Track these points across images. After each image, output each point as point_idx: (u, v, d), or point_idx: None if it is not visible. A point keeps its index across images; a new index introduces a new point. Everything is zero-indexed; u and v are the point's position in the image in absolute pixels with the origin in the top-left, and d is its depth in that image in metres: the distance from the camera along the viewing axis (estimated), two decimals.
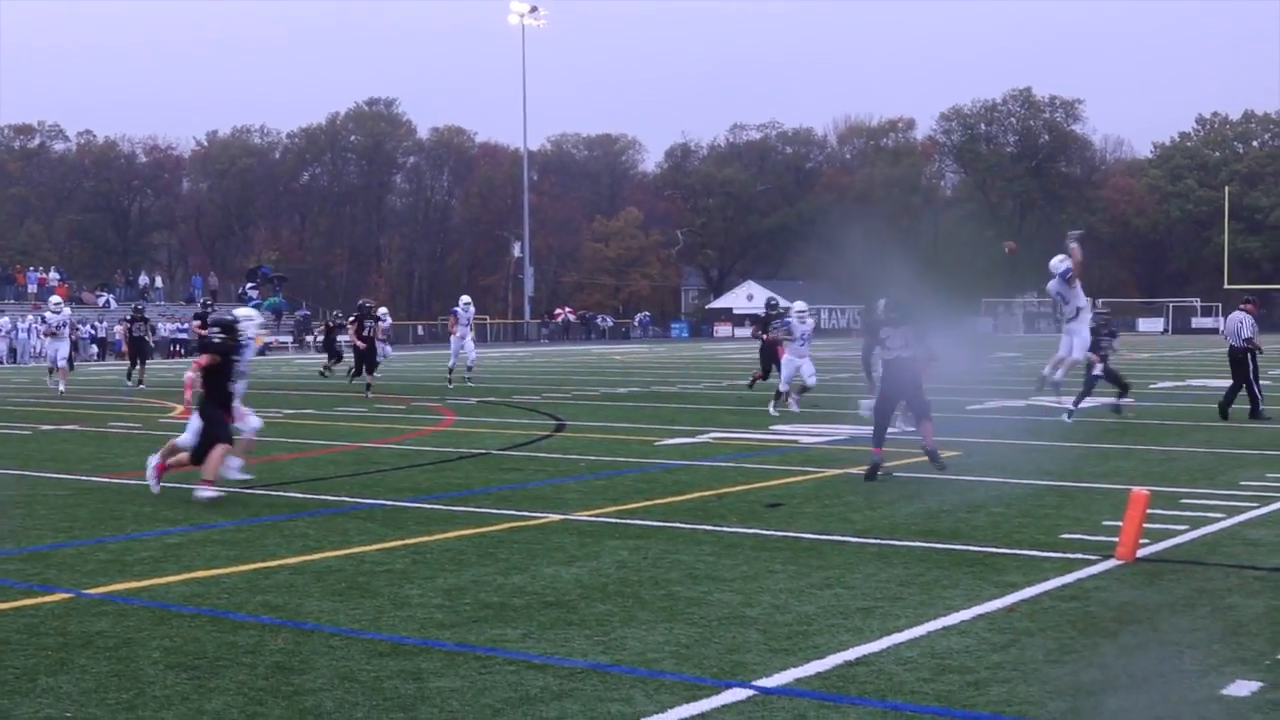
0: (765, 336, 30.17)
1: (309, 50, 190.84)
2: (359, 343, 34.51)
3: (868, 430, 16.71)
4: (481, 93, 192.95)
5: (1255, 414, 23.54)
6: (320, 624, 8.78)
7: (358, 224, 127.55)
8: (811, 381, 26.83)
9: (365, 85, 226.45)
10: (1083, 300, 23.51)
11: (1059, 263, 23.33)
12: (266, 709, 6.94)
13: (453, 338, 37.07)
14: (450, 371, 36.61)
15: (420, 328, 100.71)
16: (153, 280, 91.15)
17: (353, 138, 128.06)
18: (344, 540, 11.98)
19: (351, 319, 35.92)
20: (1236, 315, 24.83)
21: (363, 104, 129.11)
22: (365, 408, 28.74)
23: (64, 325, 35.40)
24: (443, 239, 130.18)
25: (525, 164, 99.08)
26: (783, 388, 26.27)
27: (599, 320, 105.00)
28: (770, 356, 29.54)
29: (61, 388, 33.92)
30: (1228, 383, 25.12)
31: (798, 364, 26.36)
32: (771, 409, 25.61)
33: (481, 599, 9.53)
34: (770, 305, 31.24)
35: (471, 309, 38.13)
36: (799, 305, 27.06)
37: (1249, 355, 24.10)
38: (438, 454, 19.22)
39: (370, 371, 33.93)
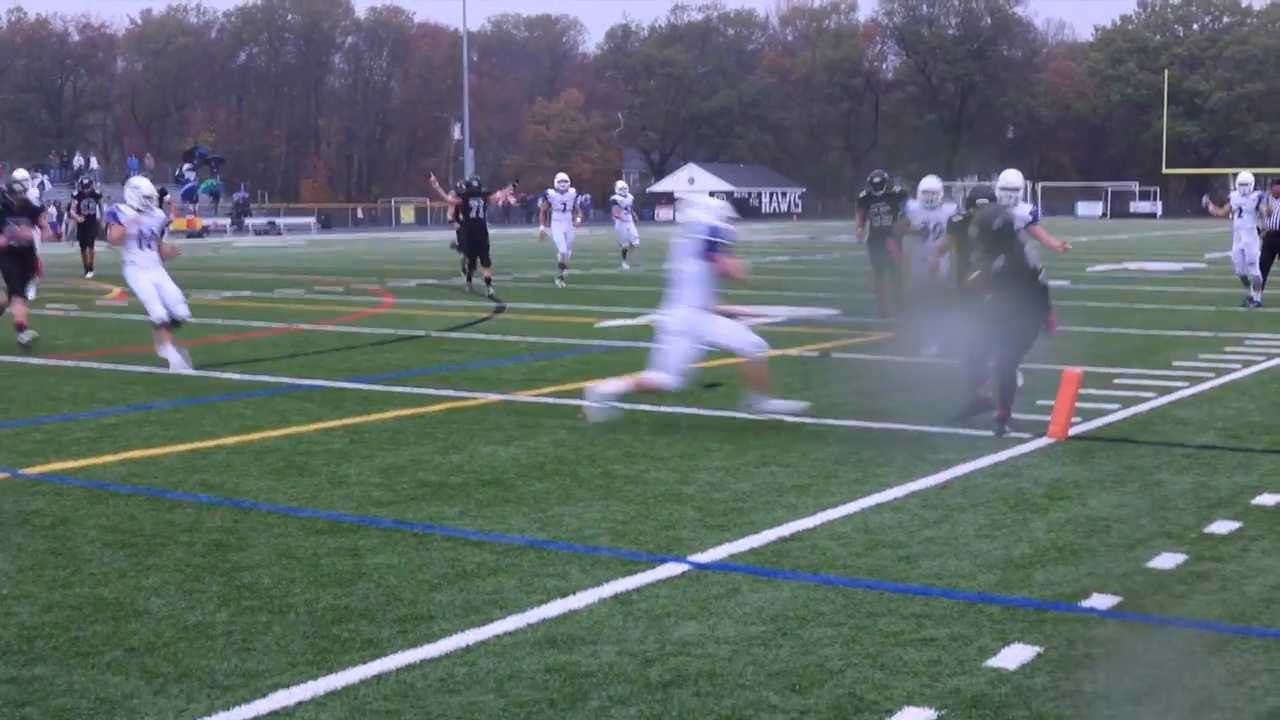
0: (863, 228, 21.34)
1: None
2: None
3: (804, 312, 16.36)
4: None
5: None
6: (258, 502, 8.81)
7: (295, 105, 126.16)
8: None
9: None
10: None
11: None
12: (204, 585, 6.97)
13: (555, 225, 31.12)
14: (561, 268, 30.88)
15: (359, 210, 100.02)
16: (88, 161, 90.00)
17: (290, 17, 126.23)
18: (282, 420, 11.98)
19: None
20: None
21: None
22: (303, 289, 28.60)
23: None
24: (382, 121, 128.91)
25: (465, 44, 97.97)
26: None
27: (539, 202, 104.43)
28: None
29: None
30: (1165, 265, 25.30)
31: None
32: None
33: (419, 478, 9.57)
34: (877, 180, 21.54)
35: (570, 191, 31.80)
36: (929, 182, 18.23)
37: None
38: (376, 336, 19.19)
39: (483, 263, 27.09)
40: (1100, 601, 6.68)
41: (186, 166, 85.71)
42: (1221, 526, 8.09)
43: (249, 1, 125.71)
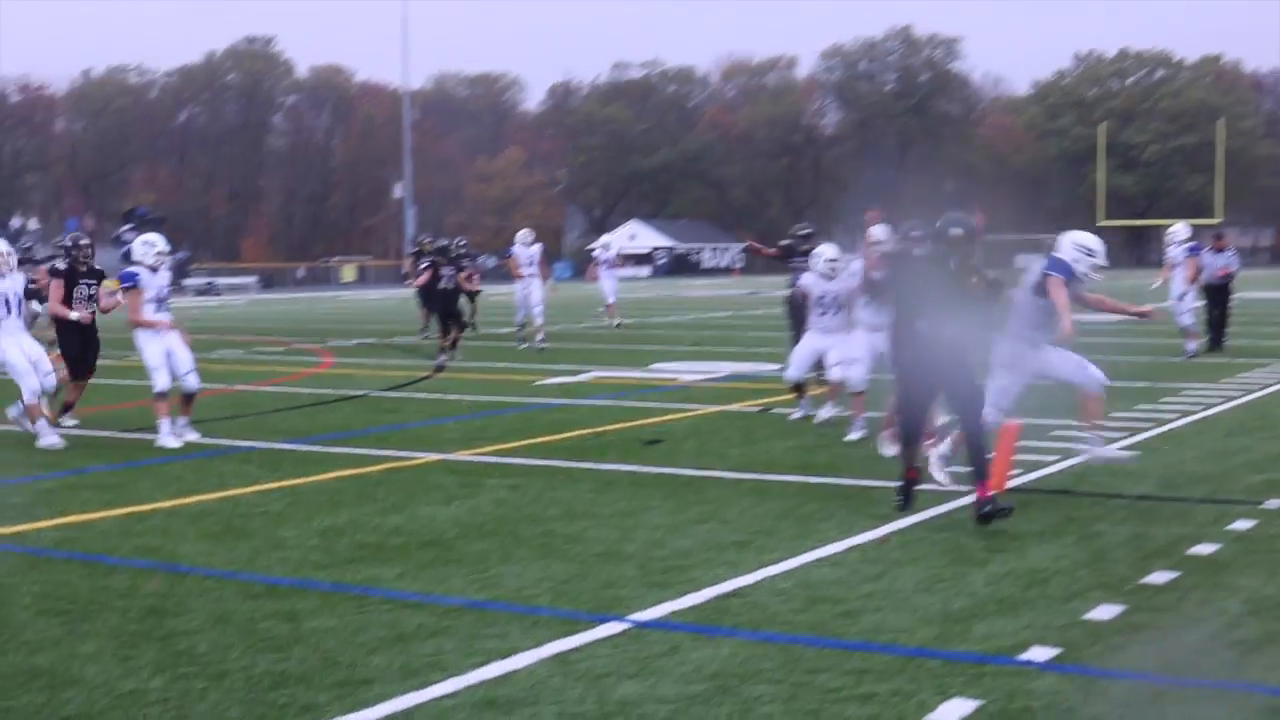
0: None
1: None
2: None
3: (747, 368, 16.13)
4: (361, 31, 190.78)
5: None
6: (195, 566, 8.73)
7: (236, 164, 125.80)
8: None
9: (242, 23, 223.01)
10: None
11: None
12: (139, 652, 6.90)
13: (518, 283, 29.13)
14: (520, 327, 29.00)
15: (301, 269, 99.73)
16: (25, 223, 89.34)
17: (230, 76, 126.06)
18: (220, 483, 11.89)
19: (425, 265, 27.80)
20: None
21: (240, 42, 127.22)
22: (243, 350, 28.47)
23: None
24: (323, 179, 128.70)
25: (406, 103, 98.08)
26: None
27: (481, 260, 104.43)
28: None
29: None
30: (1102, 316, 25.51)
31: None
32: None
33: (358, 539, 9.52)
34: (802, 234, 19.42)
35: (536, 245, 29.71)
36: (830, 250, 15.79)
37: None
38: (316, 396, 19.11)
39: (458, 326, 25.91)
40: (1039, 654, 6.69)
41: (126, 227, 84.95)
42: (1159, 577, 8.13)
43: (190, 61, 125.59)
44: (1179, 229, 24.80)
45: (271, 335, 33.88)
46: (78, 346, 15.57)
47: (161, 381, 14.39)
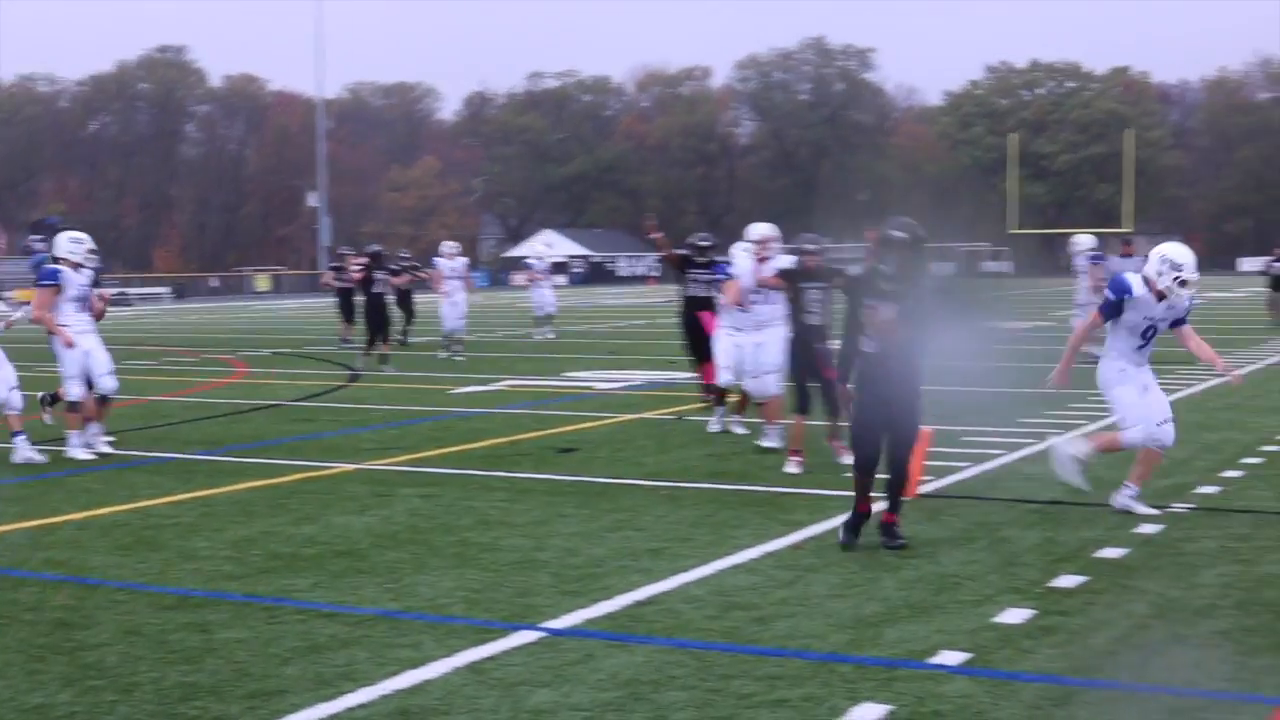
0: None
1: None
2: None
3: (662, 376, 15.83)
4: (275, 40, 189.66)
5: None
6: (105, 579, 8.65)
7: (148, 174, 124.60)
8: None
9: (154, 32, 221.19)
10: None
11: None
12: (48, 665, 6.83)
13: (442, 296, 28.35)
14: (446, 338, 28.15)
15: (214, 279, 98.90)
16: None
17: (142, 86, 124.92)
18: (131, 494, 11.79)
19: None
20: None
21: (152, 51, 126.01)
22: (155, 360, 28.21)
23: None
24: (236, 189, 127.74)
25: (320, 112, 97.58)
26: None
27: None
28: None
29: None
30: (1013, 324, 25.78)
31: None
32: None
33: (271, 550, 9.46)
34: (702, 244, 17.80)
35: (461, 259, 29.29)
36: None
37: None
38: (229, 406, 18.97)
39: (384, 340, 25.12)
40: (950, 658, 6.76)
41: (35, 237, 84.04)
42: (1067, 581, 8.24)
43: (100, 70, 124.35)
44: (1083, 238, 25.11)
45: (184, 345, 33.58)
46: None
47: (75, 392, 14.12)
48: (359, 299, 26.18)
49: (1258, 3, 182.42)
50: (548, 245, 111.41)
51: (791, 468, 12.57)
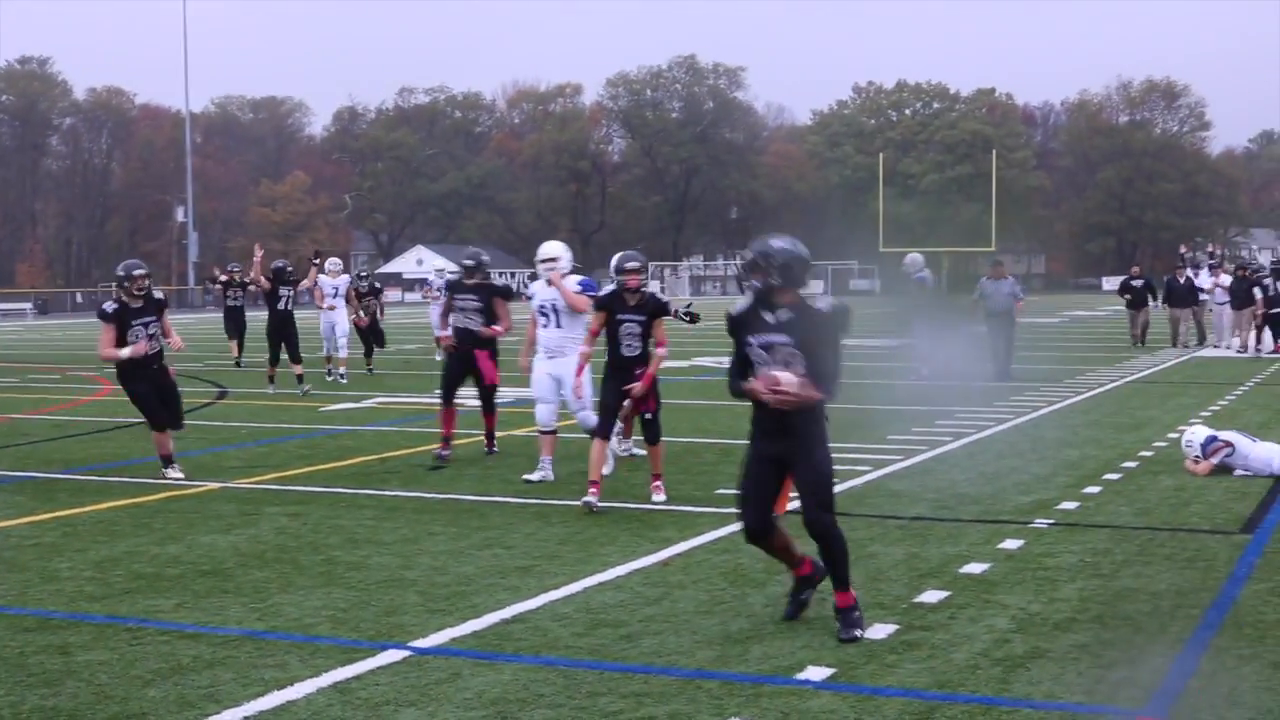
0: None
1: None
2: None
3: (531, 393, 14.86)
4: (141, 52, 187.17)
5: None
6: None
7: (11, 188, 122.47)
8: None
9: (16, 42, 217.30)
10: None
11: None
12: None
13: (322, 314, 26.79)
14: (328, 359, 26.59)
15: (79, 295, 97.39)
16: None
17: (3, 98, 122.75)
18: None
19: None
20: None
21: (14, 62, 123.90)
22: (17, 378, 27.71)
23: None
24: (102, 204, 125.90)
25: (188, 126, 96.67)
26: None
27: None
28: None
29: None
30: (880, 341, 26.12)
31: None
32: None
33: (135, 570, 9.34)
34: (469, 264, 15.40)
35: (344, 276, 27.80)
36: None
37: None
38: (93, 424, 18.68)
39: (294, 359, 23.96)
40: (815, 673, 6.82)
41: None
42: (931, 596, 8.34)
43: None
44: (915, 257, 25.57)
45: (48, 362, 33.01)
46: (149, 388, 13.58)
47: None
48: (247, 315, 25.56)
49: (1118, 28, 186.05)
50: (419, 262, 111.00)
51: (590, 498, 11.44)
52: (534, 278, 13.92)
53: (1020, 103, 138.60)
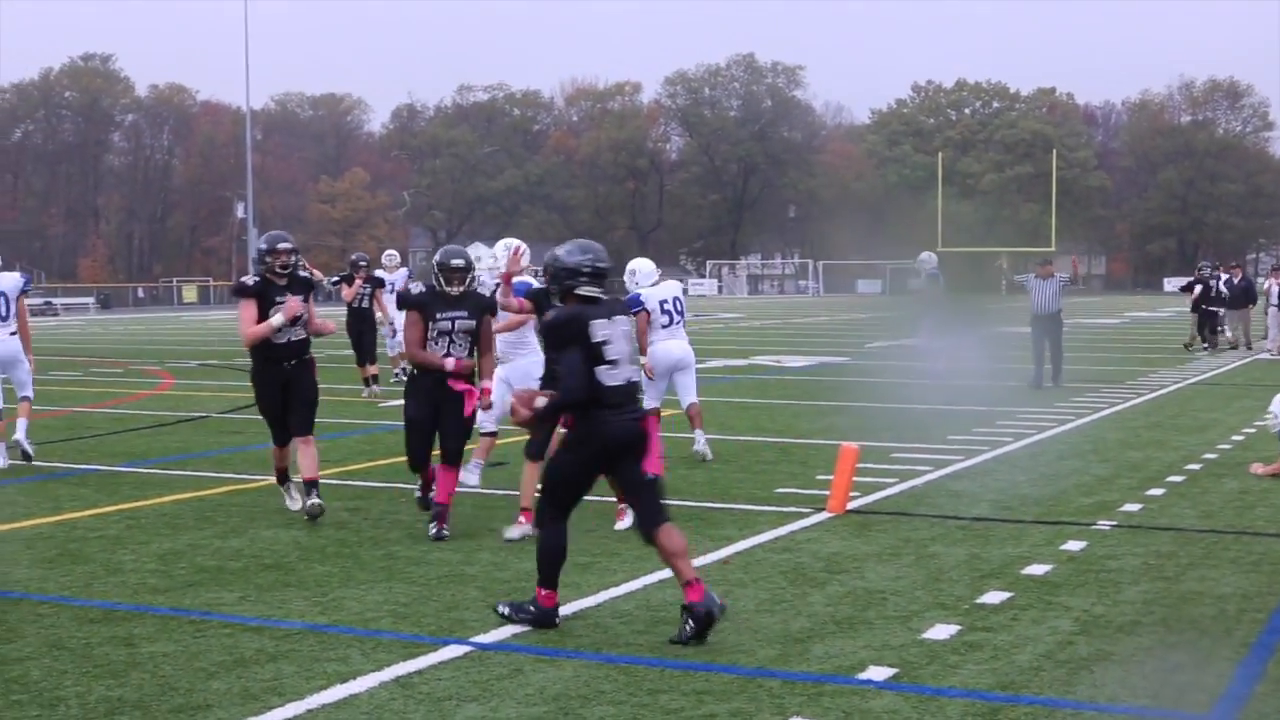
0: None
1: (20, 1, 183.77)
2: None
3: None
4: (203, 50, 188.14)
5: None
6: (28, 592, 8.57)
7: (74, 183, 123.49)
8: None
9: (80, 40, 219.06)
10: None
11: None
12: None
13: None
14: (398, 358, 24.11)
15: (140, 290, 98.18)
16: None
17: (68, 94, 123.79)
18: (55, 506, 11.68)
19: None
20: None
21: (78, 59, 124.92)
22: (80, 371, 27.96)
23: None
24: (163, 199, 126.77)
25: (248, 123, 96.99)
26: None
27: (326, 282, 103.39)
28: None
29: None
30: (928, 341, 26.01)
31: None
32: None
33: (198, 563, 9.40)
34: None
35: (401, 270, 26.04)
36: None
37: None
38: (155, 418, 18.82)
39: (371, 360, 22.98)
40: (877, 673, 6.80)
41: None
42: (993, 597, 8.30)
43: (25, 78, 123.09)
44: (927, 256, 25.31)
45: (110, 356, 33.29)
46: (276, 394, 11.24)
47: None
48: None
49: (1180, 27, 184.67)
50: (477, 259, 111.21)
51: (514, 532, 10.38)
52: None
53: (1081, 102, 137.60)
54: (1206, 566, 9.22)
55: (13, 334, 14.54)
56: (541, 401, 7.97)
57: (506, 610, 7.79)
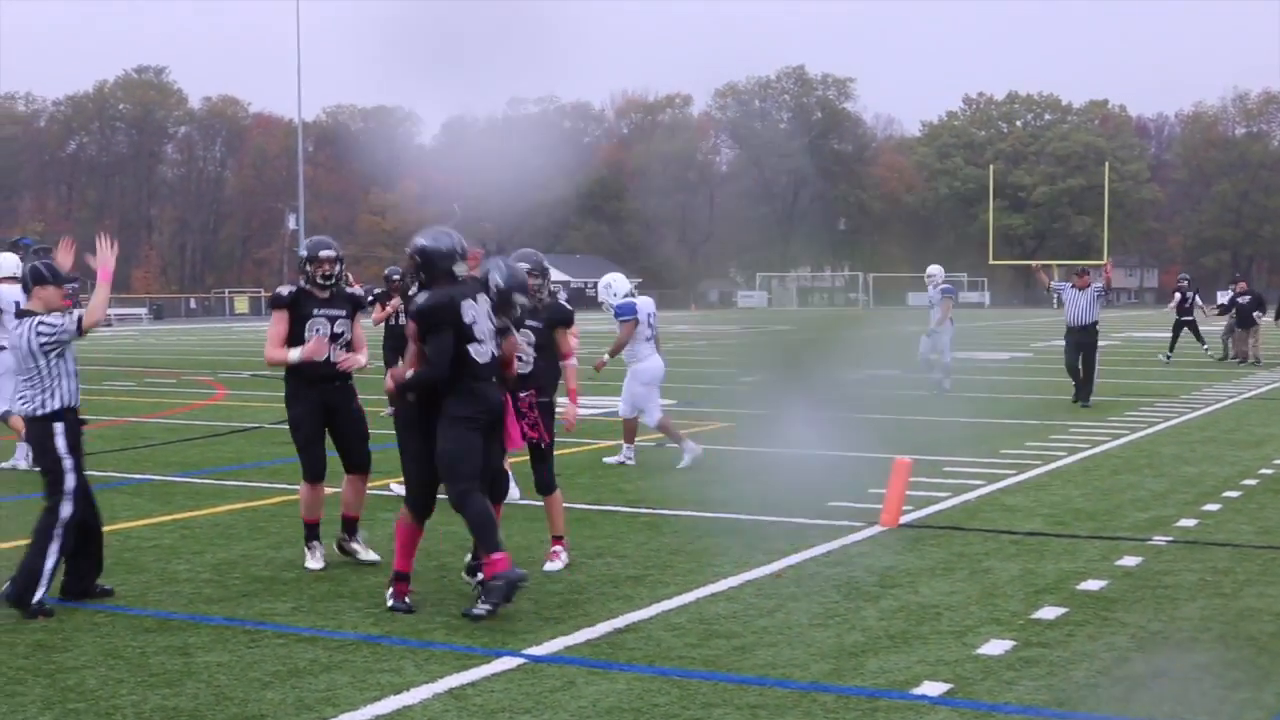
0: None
1: (74, 15, 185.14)
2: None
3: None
4: (255, 62, 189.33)
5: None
6: (84, 601, 8.61)
7: (127, 195, 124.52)
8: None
9: (133, 53, 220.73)
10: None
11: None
12: (26, 688, 6.80)
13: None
14: None
15: (193, 300, 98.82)
16: None
17: (121, 106, 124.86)
18: (110, 516, 11.66)
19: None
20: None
21: (131, 71, 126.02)
22: (134, 381, 28.13)
23: None
24: (216, 210, 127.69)
25: (299, 135, 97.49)
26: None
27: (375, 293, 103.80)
28: None
29: None
30: (992, 354, 25.81)
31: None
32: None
33: (251, 573, 9.44)
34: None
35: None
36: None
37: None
38: (208, 428, 18.92)
39: None
40: (931, 689, 6.76)
41: None
42: (1048, 612, 8.24)
43: (79, 90, 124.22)
44: (935, 270, 25.07)
45: (163, 367, 33.48)
46: (318, 419, 9.95)
47: None
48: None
49: (1234, 39, 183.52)
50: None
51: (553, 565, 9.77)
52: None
53: (1134, 114, 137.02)
54: (1265, 583, 9.13)
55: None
56: (409, 373, 8.47)
57: (482, 610, 8.01)
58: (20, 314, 8.72)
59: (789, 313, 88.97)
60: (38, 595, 8.35)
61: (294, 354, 9.68)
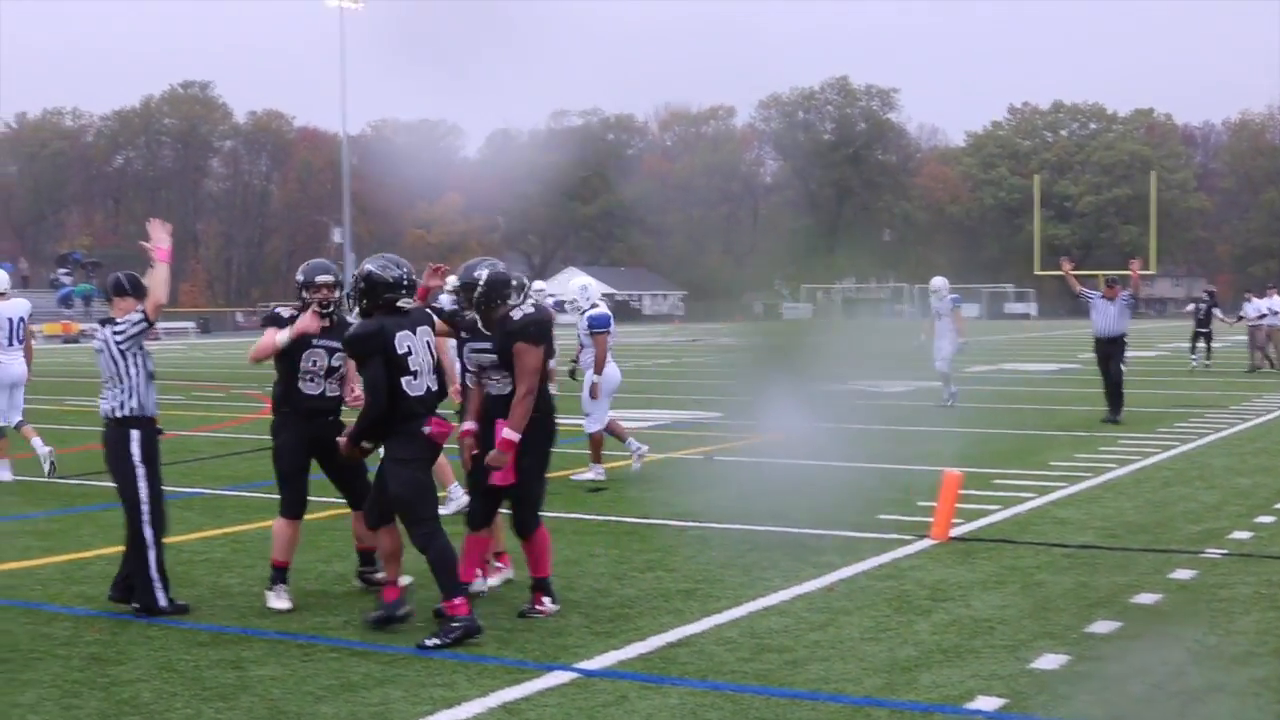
0: None
1: (121, 30, 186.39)
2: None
3: (688, 416, 15.78)
4: (300, 76, 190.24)
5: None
6: (138, 614, 8.66)
7: (173, 209, 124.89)
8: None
9: (179, 67, 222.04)
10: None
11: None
12: (82, 701, 6.84)
13: None
14: None
15: (239, 314, 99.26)
16: None
17: (167, 121, 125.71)
18: None
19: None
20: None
21: (177, 86, 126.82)
22: (182, 395, 28.27)
23: None
24: (261, 224, 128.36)
25: (345, 150, 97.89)
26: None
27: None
28: None
29: None
30: (1040, 366, 25.63)
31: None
32: None
33: (302, 587, 9.46)
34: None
35: None
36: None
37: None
38: (257, 441, 18.95)
39: None
40: (986, 703, 6.73)
41: (61, 271, 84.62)
42: (1102, 626, 8.19)
43: (126, 105, 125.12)
44: (940, 282, 24.83)
45: (212, 380, 33.65)
46: (301, 451, 9.57)
47: None
48: None
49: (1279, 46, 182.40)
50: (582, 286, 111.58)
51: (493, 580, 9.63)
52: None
53: (1180, 123, 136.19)
54: None
55: (20, 357, 15.44)
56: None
57: (434, 641, 7.88)
58: (102, 321, 9.10)
59: (831, 323, 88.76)
60: (160, 600, 8.65)
61: (283, 335, 9.05)
